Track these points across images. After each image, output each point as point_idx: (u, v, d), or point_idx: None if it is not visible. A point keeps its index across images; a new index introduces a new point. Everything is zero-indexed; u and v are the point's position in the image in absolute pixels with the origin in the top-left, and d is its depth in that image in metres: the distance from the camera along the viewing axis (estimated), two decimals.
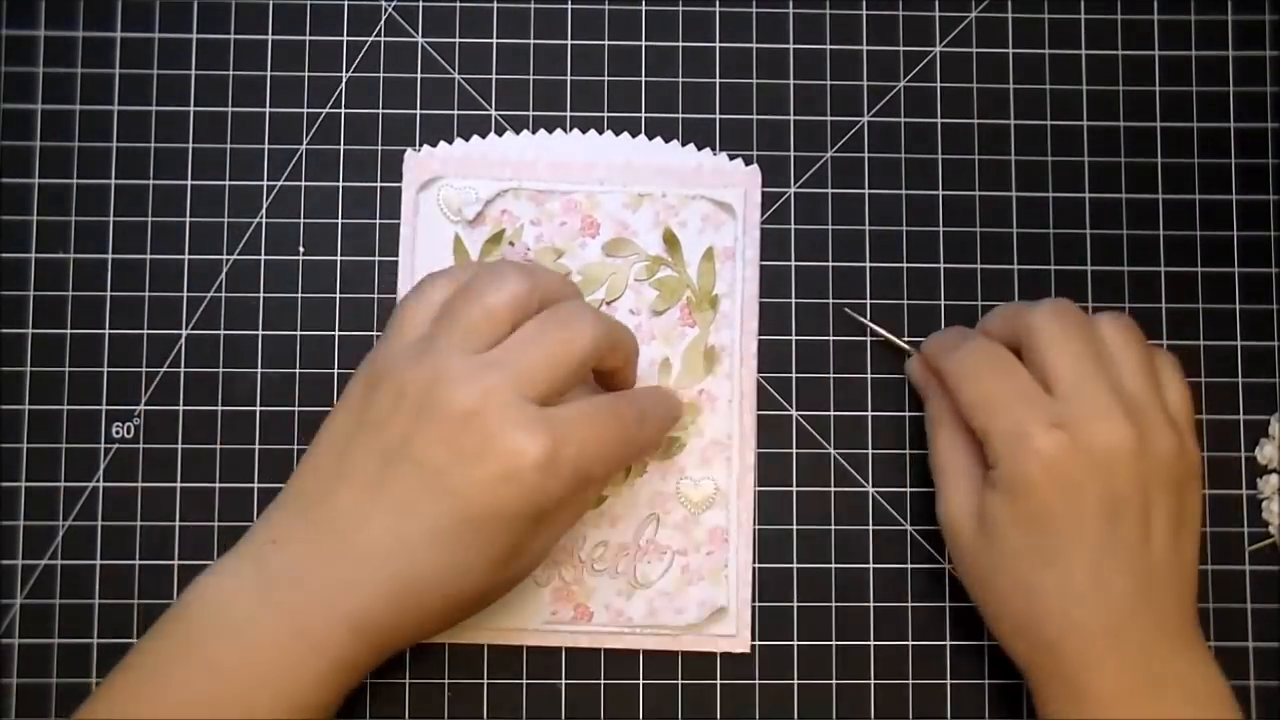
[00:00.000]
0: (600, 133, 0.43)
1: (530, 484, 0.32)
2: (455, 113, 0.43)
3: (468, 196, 0.42)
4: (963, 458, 0.38)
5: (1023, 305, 0.38)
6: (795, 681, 0.42)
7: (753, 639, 0.42)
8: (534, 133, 0.43)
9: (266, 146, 0.43)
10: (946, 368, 0.38)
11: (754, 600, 0.42)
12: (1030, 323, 0.37)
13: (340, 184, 0.43)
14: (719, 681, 0.42)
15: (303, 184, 0.43)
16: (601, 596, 0.42)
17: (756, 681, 0.42)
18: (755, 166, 0.43)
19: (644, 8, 0.44)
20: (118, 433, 0.42)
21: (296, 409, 0.42)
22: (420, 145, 0.43)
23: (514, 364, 0.33)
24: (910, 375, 0.42)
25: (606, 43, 0.44)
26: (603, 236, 0.42)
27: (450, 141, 0.43)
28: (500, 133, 0.43)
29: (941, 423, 0.39)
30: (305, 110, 0.43)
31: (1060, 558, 0.35)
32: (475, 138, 0.43)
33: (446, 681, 0.41)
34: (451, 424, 0.32)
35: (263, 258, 0.43)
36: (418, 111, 0.43)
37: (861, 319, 0.43)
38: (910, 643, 0.42)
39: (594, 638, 0.42)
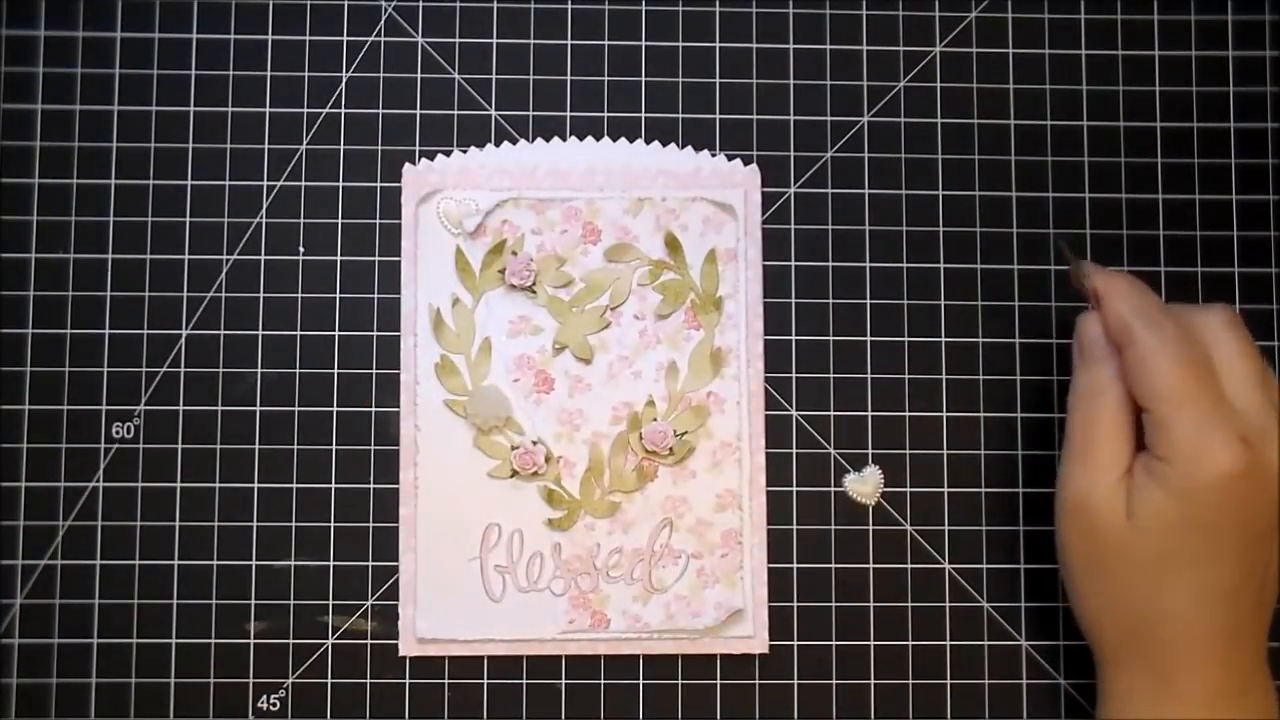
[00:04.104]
0: (600, 134, 0.43)
1: None
2: (455, 113, 0.43)
3: (467, 208, 0.42)
4: (1122, 437, 0.36)
5: (1195, 308, 0.37)
6: (795, 682, 0.42)
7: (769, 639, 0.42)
8: (534, 134, 0.43)
9: (266, 146, 0.43)
10: (1144, 341, 0.35)
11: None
12: (1213, 327, 0.36)
13: (340, 184, 0.43)
14: (719, 682, 0.42)
15: (303, 184, 0.43)
16: (618, 603, 0.42)
17: (757, 682, 0.42)
18: (755, 167, 0.43)
19: (644, 8, 0.44)
20: (118, 433, 0.42)
21: (296, 409, 0.42)
22: (420, 146, 0.43)
23: None
24: (1083, 334, 0.38)
25: (606, 43, 0.44)
26: (604, 243, 0.42)
27: (450, 143, 0.43)
28: (500, 133, 0.43)
29: (1107, 392, 0.37)
30: (305, 110, 0.43)
31: (1209, 564, 0.35)
32: (473, 149, 0.43)
33: (447, 682, 0.42)
34: None
35: (263, 258, 0.43)
36: (418, 111, 0.43)
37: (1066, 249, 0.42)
38: (910, 643, 0.42)
39: (612, 644, 0.42)
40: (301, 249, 0.43)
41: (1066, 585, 0.38)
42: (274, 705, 0.41)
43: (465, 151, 0.43)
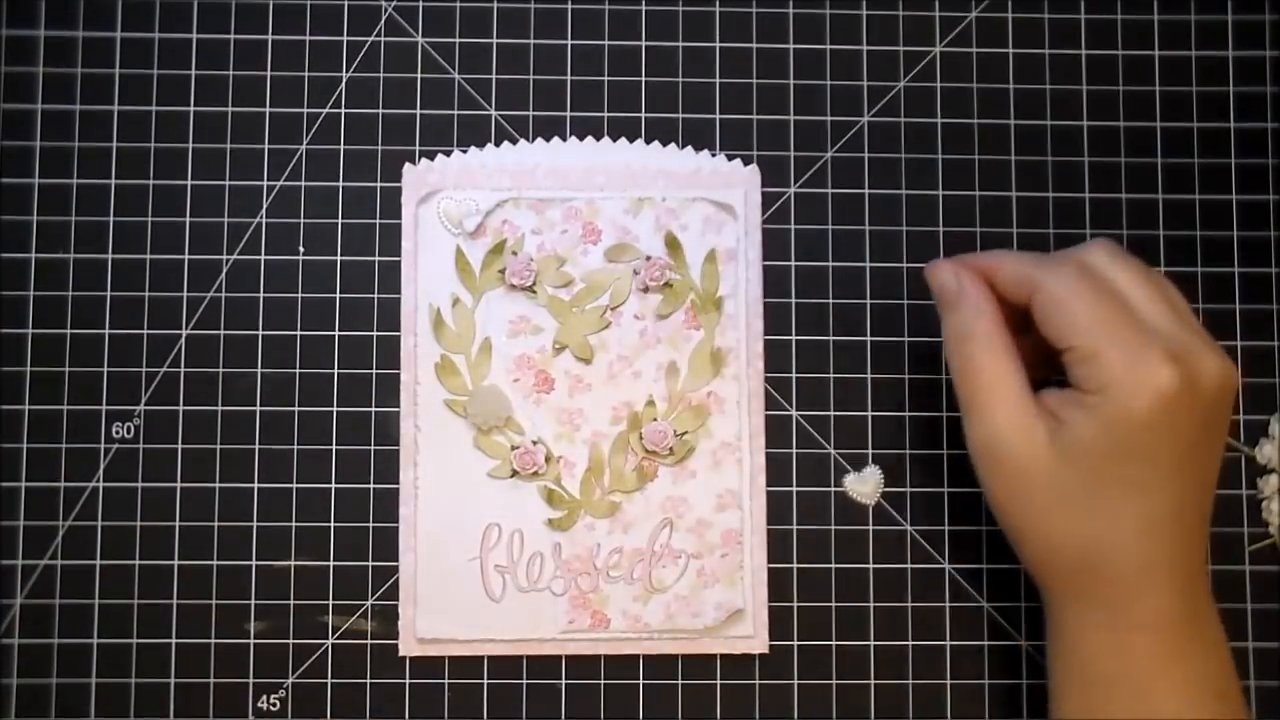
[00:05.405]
0: (600, 134, 0.43)
1: None
2: (455, 113, 0.43)
3: (468, 208, 0.42)
4: (1013, 372, 0.36)
5: (1074, 249, 0.37)
6: (795, 682, 0.42)
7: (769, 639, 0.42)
8: (534, 134, 0.43)
9: (266, 146, 0.43)
10: (1052, 284, 0.36)
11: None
12: (1103, 262, 0.36)
13: (340, 184, 0.43)
14: (719, 682, 0.42)
15: (303, 184, 0.43)
16: (618, 603, 0.42)
17: (757, 681, 0.42)
18: (755, 167, 0.43)
19: (644, 8, 0.44)
20: (118, 433, 0.42)
21: (296, 409, 0.42)
22: (420, 145, 0.43)
23: None
24: (936, 282, 0.38)
25: (606, 43, 0.44)
26: (604, 243, 0.42)
27: (450, 143, 0.43)
28: (500, 133, 0.43)
29: (988, 336, 0.36)
30: (305, 110, 0.43)
31: (1150, 490, 0.35)
32: (473, 148, 0.43)
33: (447, 682, 0.41)
34: None
35: (263, 258, 0.43)
36: (418, 111, 0.43)
37: None
38: (910, 643, 0.42)
39: (612, 644, 0.42)
40: (301, 249, 0.43)
41: (1006, 534, 0.37)
42: (274, 705, 0.41)
43: (465, 151, 0.43)
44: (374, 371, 0.42)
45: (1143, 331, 0.35)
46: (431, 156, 0.43)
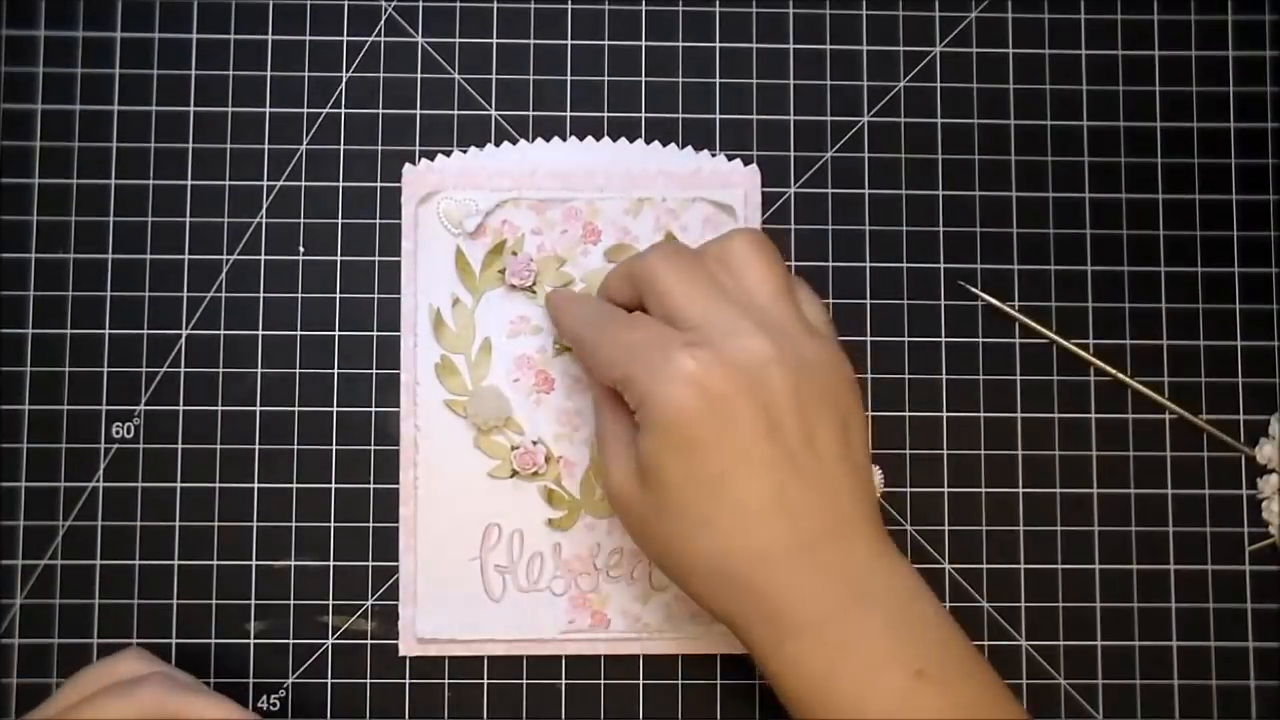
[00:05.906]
0: (600, 133, 0.43)
1: None
2: (455, 113, 0.43)
3: (468, 208, 0.42)
4: (620, 425, 0.36)
5: (632, 259, 0.37)
6: None
7: None
8: (534, 133, 0.43)
9: (266, 146, 0.43)
10: (576, 334, 0.38)
11: None
12: (643, 272, 0.36)
13: (340, 184, 0.43)
14: (719, 682, 0.42)
15: (303, 184, 0.43)
16: (618, 602, 0.42)
17: (757, 681, 0.42)
18: (755, 167, 0.43)
19: (644, 8, 0.44)
20: (118, 433, 0.42)
21: (296, 409, 0.42)
22: (420, 146, 0.43)
23: None
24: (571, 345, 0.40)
25: (606, 43, 0.44)
26: (605, 243, 0.42)
27: (450, 143, 0.43)
28: (500, 133, 0.43)
29: (599, 399, 0.37)
30: (305, 110, 0.43)
31: (728, 483, 0.33)
32: (473, 149, 0.43)
33: (447, 682, 0.42)
34: None
35: (263, 258, 0.43)
36: (418, 111, 0.43)
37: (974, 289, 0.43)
38: None
39: (612, 644, 0.42)
40: (301, 249, 0.43)
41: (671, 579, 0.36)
42: (274, 705, 0.41)
43: (465, 151, 0.43)
44: (374, 371, 0.42)
45: (665, 337, 0.34)
46: (431, 157, 0.43)
